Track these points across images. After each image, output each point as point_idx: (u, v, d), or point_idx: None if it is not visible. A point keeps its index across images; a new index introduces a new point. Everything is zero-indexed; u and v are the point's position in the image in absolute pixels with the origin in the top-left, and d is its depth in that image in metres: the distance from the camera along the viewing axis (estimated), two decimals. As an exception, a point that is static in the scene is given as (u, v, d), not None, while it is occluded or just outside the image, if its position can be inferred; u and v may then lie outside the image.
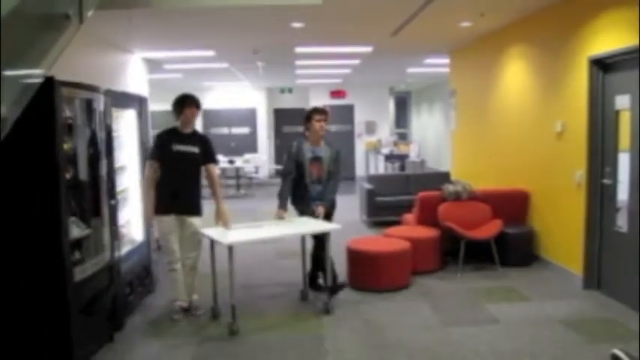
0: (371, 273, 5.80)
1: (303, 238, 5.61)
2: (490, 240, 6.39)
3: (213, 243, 5.08)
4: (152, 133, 5.92)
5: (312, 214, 5.62)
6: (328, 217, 5.74)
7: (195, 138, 5.28)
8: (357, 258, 5.91)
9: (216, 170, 5.48)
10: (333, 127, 17.10)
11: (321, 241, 5.40)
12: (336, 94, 17.23)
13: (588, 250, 5.72)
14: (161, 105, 16.14)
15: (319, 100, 17.02)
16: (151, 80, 10.18)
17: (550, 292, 5.73)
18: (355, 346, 4.50)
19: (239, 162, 14.48)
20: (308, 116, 5.68)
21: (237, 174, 14.35)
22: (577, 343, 4.43)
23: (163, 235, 5.13)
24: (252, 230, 5.45)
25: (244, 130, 17.77)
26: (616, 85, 5.39)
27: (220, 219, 5.26)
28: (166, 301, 5.55)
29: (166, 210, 5.06)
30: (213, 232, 5.09)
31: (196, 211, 5.24)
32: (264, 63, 11.01)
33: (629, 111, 5.18)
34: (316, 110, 5.75)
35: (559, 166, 6.26)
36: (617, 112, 5.39)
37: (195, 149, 5.17)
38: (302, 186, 5.64)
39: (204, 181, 5.33)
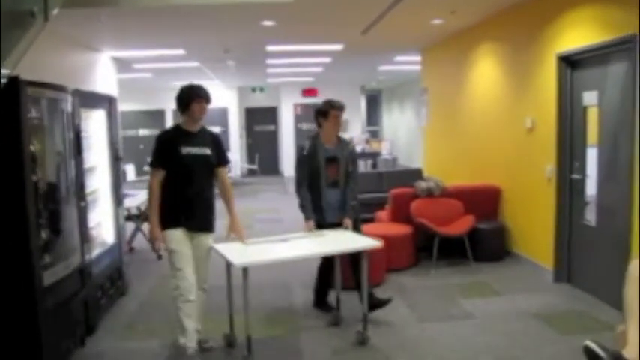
0: (345, 271, 5.78)
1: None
2: (463, 236, 6.44)
3: (229, 265, 4.32)
4: (122, 133, 5.72)
5: (328, 226, 4.88)
6: (355, 227, 5.03)
7: (206, 137, 4.37)
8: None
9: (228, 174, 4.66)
10: (304, 126, 17.14)
11: (355, 258, 4.72)
12: (308, 92, 17.22)
13: (558, 244, 5.80)
14: (131, 105, 16.16)
15: (291, 98, 17.03)
16: (121, 80, 10.05)
17: (522, 286, 5.80)
18: (330, 344, 4.50)
19: (211, 161, 14.42)
20: (323, 111, 4.88)
21: (209, 174, 14.25)
22: (549, 336, 4.50)
23: (173, 253, 4.13)
24: (275, 247, 4.56)
25: (216, 129, 17.62)
26: (583, 81, 5.47)
27: (234, 232, 4.47)
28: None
29: (176, 225, 4.17)
30: (229, 250, 4.29)
31: (212, 225, 4.41)
32: (235, 62, 10.96)
33: (597, 107, 5.26)
34: (333, 104, 4.91)
35: (529, 161, 6.33)
36: (584, 108, 5.47)
37: (208, 151, 4.28)
38: (315, 192, 4.90)
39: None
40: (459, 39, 8.51)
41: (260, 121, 18.08)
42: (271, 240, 4.66)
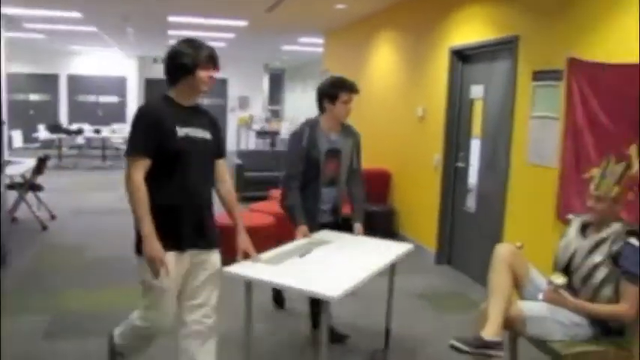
0: (235, 247, 5.82)
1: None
2: (353, 217, 6.63)
3: (250, 287, 3.38)
4: (9, 97, 5.37)
5: (317, 228, 4.00)
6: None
7: (204, 117, 3.10)
8: (223, 232, 5.88)
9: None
10: (206, 101, 16.89)
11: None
12: (211, 67, 16.95)
13: (441, 229, 6.14)
14: (20, 67, 15.28)
15: (193, 72, 16.68)
16: (9, 39, 9.49)
17: (407, 267, 6.01)
18: (221, 320, 4.52)
19: (106, 132, 13.97)
20: (330, 93, 3.87)
21: (104, 145, 13.82)
22: (429, 314, 4.80)
23: (158, 290, 2.87)
24: (307, 266, 3.37)
25: (112, 98, 17.06)
26: (472, 75, 5.78)
27: (245, 249, 3.50)
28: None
29: (177, 243, 2.89)
30: (258, 273, 3.30)
31: (218, 238, 3.31)
32: (134, 30, 10.63)
33: (482, 100, 5.58)
34: (345, 85, 3.91)
35: (419, 148, 6.62)
36: (472, 101, 5.79)
37: (208, 134, 3.03)
38: (310, 191, 3.92)
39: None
40: (361, 25, 8.69)
41: (161, 92, 17.55)
42: (284, 255, 3.62)
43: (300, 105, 19.75)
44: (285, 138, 13.83)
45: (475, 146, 5.74)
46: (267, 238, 5.94)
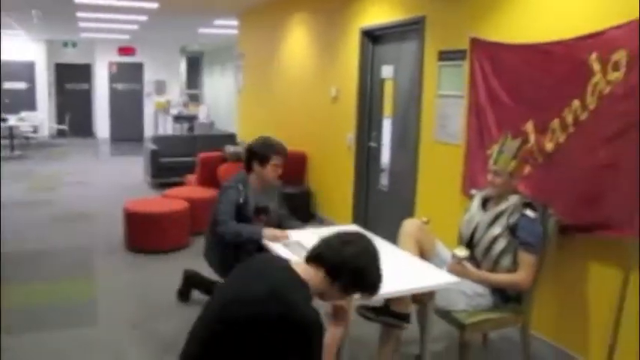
0: (148, 234, 5.73)
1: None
2: (269, 199, 6.63)
3: None
4: None
5: None
6: None
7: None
8: (134, 220, 5.78)
9: None
10: (120, 86, 16.42)
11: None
12: (125, 50, 16.46)
13: (356, 207, 6.22)
14: None
15: (107, 56, 16.15)
16: None
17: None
18: (130, 308, 4.45)
19: (13, 120, 13.33)
20: (261, 155, 3.85)
21: (11, 133, 13.17)
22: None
23: None
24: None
25: (20, 85, 16.25)
26: (383, 55, 5.85)
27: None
28: None
29: None
30: None
31: None
32: (40, 12, 10.15)
33: (392, 80, 5.66)
34: (275, 148, 3.89)
35: (333, 129, 6.67)
36: (382, 81, 5.87)
37: None
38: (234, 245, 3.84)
39: None
40: (275, 6, 8.63)
41: (72, 78, 16.91)
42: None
43: (219, 88, 19.49)
44: (203, 122, 13.64)
45: (387, 126, 5.83)
46: (180, 225, 5.89)
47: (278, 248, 3.39)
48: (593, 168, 3.27)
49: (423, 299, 3.19)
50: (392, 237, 3.34)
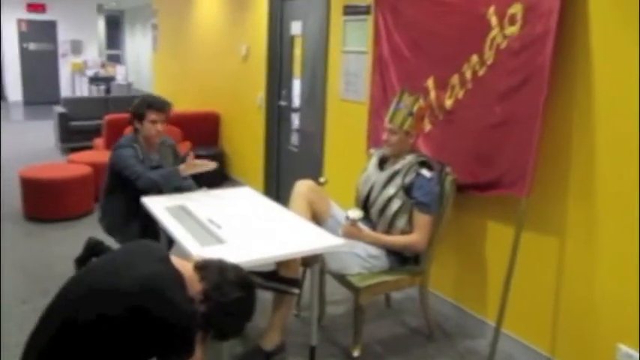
0: (47, 202, 5.41)
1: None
2: (180, 162, 6.39)
3: None
4: None
5: None
6: None
7: None
8: (30, 187, 5.44)
9: None
10: (32, 45, 15.52)
11: None
12: (34, 7, 15.44)
13: (267, 169, 6.07)
14: None
15: (13, 13, 15.15)
16: None
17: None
18: (21, 282, 4.17)
19: None
20: (138, 113, 3.72)
21: None
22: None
23: None
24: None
25: None
26: (292, 11, 5.63)
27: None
28: None
29: None
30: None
31: None
32: None
33: (301, 37, 5.46)
34: (151, 105, 3.73)
35: (244, 88, 6.45)
36: (292, 38, 5.66)
37: None
38: (133, 207, 3.59)
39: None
40: (185, -40, 8.24)
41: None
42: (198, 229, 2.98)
43: (141, 48, 18.77)
44: (121, 84, 13.04)
45: (297, 85, 5.65)
46: (82, 191, 5.60)
47: (161, 213, 3.18)
48: (488, 126, 3.19)
49: (309, 262, 3.07)
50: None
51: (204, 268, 2.07)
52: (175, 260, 2.06)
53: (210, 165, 3.64)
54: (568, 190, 2.91)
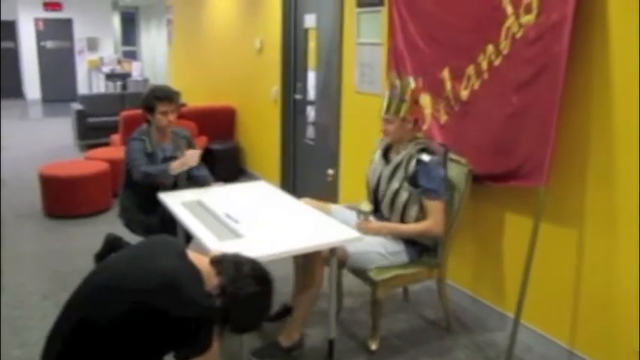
0: (66, 199, 5.46)
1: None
2: (196, 157, 6.42)
3: None
4: None
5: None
6: None
7: None
8: (50, 184, 5.49)
9: None
10: (49, 44, 15.64)
11: None
12: (51, 6, 15.57)
13: (284, 162, 6.06)
14: None
15: (31, 12, 15.26)
16: None
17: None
18: (42, 278, 4.22)
19: None
20: (148, 106, 3.76)
21: None
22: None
23: None
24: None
25: None
26: (305, 3, 5.60)
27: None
28: None
29: None
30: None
31: None
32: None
33: (315, 29, 5.44)
34: (160, 96, 3.74)
35: (259, 82, 6.44)
36: (306, 30, 5.63)
37: None
38: (146, 197, 3.69)
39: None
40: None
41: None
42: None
43: (157, 44, 18.81)
44: (137, 80, 13.11)
45: (312, 77, 5.63)
46: (100, 187, 5.64)
47: (178, 208, 3.18)
48: (505, 116, 3.14)
49: (338, 261, 3.06)
50: (319, 187, 3.29)
51: (220, 262, 2.08)
52: (192, 255, 2.06)
53: (195, 153, 3.70)
54: (587, 179, 2.87)
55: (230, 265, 2.06)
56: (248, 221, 2.95)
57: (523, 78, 3.02)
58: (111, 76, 13.66)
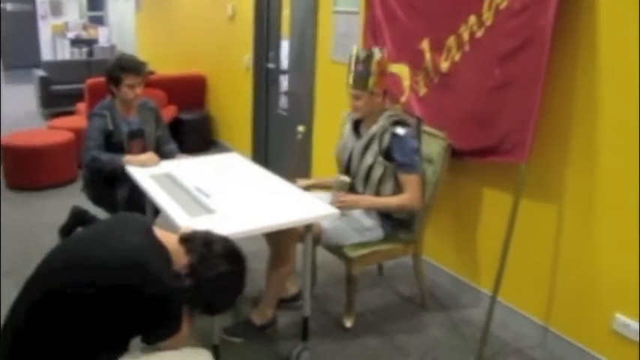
0: (29, 170, 5.25)
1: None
2: (165, 127, 6.23)
3: None
4: None
5: None
6: None
7: None
8: (12, 154, 5.27)
9: None
10: (9, 6, 15.06)
11: None
12: (10, -34, 14.97)
13: (255, 133, 5.92)
14: None
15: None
16: None
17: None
18: (3, 253, 4.04)
19: None
20: (113, 77, 3.50)
21: None
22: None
23: None
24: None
25: None
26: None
27: None
28: None
29: None
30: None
31: None
32: None
33: (290, -4, 5.28)
34: (127, 68, 3.49)
35: (231, 50, 6.26)
36: (280, -2, 5.47)
37: None
38: (116, 175, 3.47)
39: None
40: None
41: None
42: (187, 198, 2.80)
43: (125, 10, 18.24)
44: (104, 46, 12.70)
45: (285, 47, 5.48)
46: (65, 158, 5.44)
47: (146, 182, 3.04)
48: (486, 89, 3.05)
49: (303, 233, 2.96)
50: (290, 161, 3.19)
51: (189, 240, 1.98)
52: (159, 232, 1.97)
53: (155, 160, 3.39)
54: (568, 155, 2.81)
55: (200, 244, 1.97)
56: (220, 196, 2.82)
57: (506, 50, 2.92)
58: (76, 42, 13.22)
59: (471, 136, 3.15)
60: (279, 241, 2.96)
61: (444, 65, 3.35)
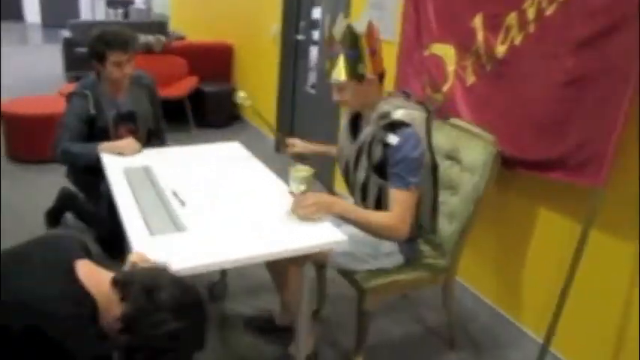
0: (31, 141, 4.77)
1: None
2: (184, 98, 5.69)
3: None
4: None
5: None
6: None
7: None
8: (13, 123, 4.80)
9: None
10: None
11: None
12: None
13: (280, 112, 5.34)
14: None
15: None
16: None
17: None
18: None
19: None
20: (97, 53, 2.99)
21: None
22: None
23: None
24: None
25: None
26: None
27: None
28: None
29: None
30: None
31: None
32: None
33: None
34: (110, 43, 2.96)
35: (259, 17, 5.68)
36: (314, -40, 4.80)
37: None
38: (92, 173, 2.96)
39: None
40: None
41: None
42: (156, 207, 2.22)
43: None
44: (140, 8, 12.18)
45: (317, 14, 4.83)
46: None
47: (116, 178, 2.45)
48: (556, 85, 2.34)
49: (318, 258, 2.32)
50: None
51: (125, 284, 1.44)
52: (87, 271, 1.46)
53: (135, 150, 2.83)
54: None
55: (139, 290, 1.43)
56: (198, 205, 2.20)
57: (586, 35, 2.20)
58: (112, 2, 12.75)
59: (528, 143, 2.47)
60: (276, 269, 2.39)
61: (501, 49, 2.65)
